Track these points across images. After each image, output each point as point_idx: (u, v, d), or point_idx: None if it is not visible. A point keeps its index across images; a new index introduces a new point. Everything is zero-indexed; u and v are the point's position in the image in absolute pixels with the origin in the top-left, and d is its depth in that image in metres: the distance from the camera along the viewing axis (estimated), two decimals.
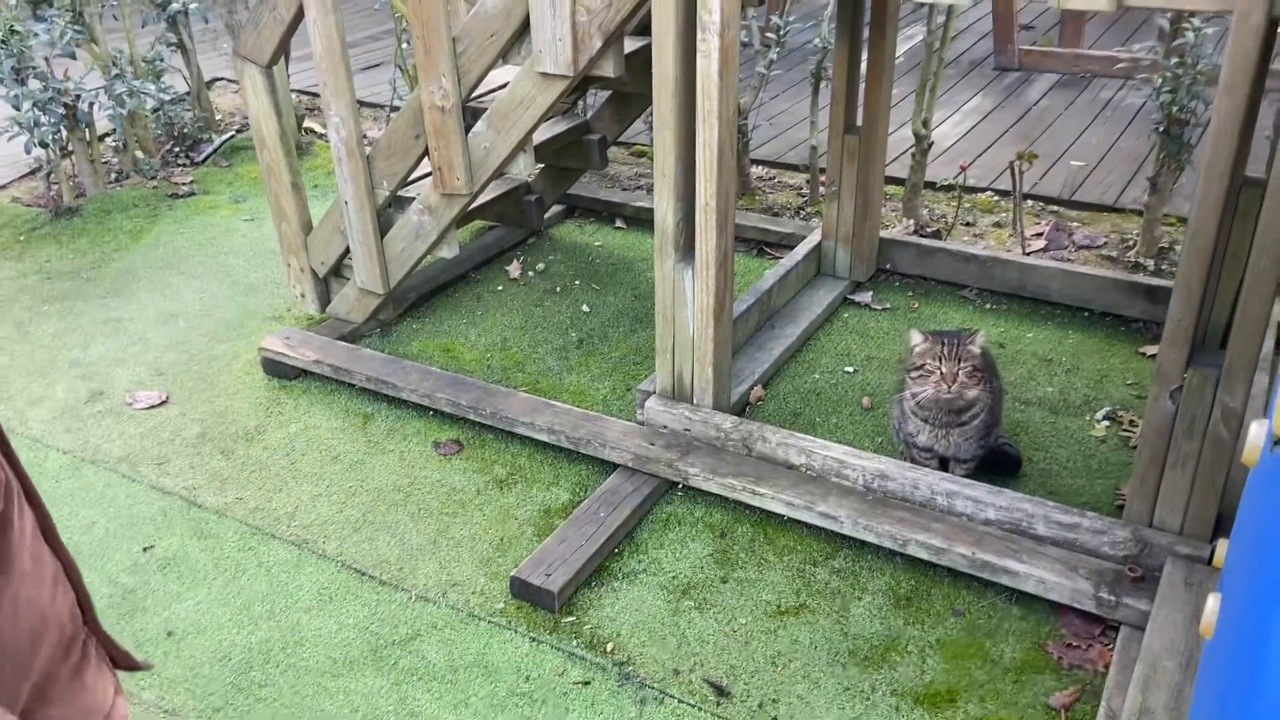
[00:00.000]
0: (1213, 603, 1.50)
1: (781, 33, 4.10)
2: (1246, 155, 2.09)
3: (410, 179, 3.18)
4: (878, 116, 3.41)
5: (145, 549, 2.55)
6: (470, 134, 2.88)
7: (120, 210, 4.48)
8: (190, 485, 2.77)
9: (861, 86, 3.37)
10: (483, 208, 3.91)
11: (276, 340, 3.24)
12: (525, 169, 2.98)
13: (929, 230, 4.05)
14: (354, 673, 2.18)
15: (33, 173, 4.63)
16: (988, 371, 2.54)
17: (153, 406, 3.12)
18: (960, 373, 2.42)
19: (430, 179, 3.02)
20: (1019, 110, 5.36)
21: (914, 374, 2.50)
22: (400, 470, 2.82)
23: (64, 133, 4.32)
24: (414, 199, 3.12)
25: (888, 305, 3.55)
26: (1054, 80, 5.70)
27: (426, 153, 2.98)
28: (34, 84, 4.13)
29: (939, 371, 2.43)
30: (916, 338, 2.49)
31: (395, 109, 4.87)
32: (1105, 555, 2.22)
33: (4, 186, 4.70)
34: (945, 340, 2.45)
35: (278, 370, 3.23)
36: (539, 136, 3.56)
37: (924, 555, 2.34)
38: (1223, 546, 1.97)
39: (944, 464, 2.60)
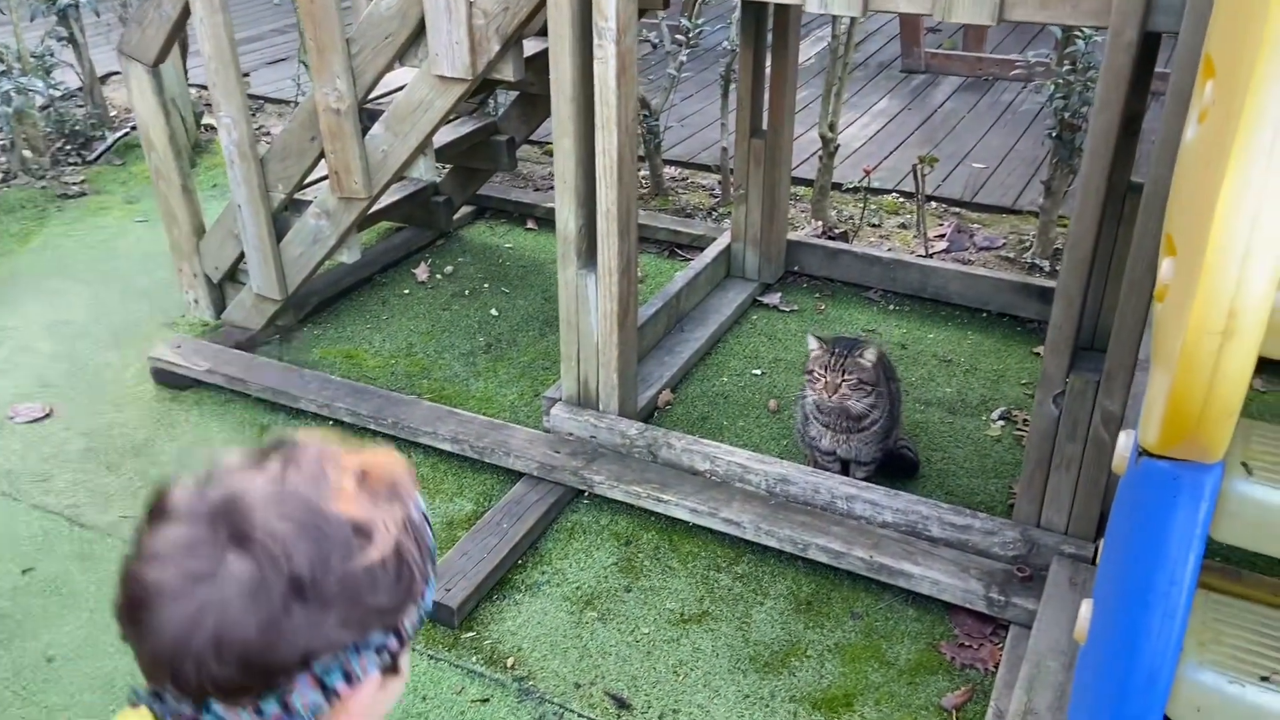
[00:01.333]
0: (1085, 609, 1.54)
1: (691, 35, 4.11)
2: (1130, 163, 2.16)
3: (307, 182, 3.10)
4: (783, 121, 3.43)
5: (24, 571, 2.44)
6: (367, 137, 2.81)
7: (6, 213, 4.28)
8: (73, 503, 2.66)
9: (767, 91, 3.39)
10: (388, 209, 3.83)
11: (167, 349, 3.13)
12: (426, 172, 2.93)
13: (837, 232, 4.10)
14: None
15: None
16: (885, 377, 2.58)
17: (35, 420, 2.99)
18: (843, 384, 2.45)
19: (327, 182, 2.95)
20: (924, 113, 5.47)
21: (806, 378, 2.53)
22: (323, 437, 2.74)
23: None
24: (311, 202, 3.04)
25: (795, 307, 3.58)
26: (958, 83, 5.83)
27: (323, 155, 2.90)
28: None
29: (824, 380, 2.46)
30: (813, 343, 2.52)
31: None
32: (996, 555, 2.28)
33: None
34: (835, 350, 2.47)
35: (169, 380, 3.12)
36: (445, 137, 3.50)
37: (824, 559, 2.37)
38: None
39: (845, 467, 2.64)
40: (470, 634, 2.27)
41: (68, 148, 4.80)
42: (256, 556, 0.73)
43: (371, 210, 3.66)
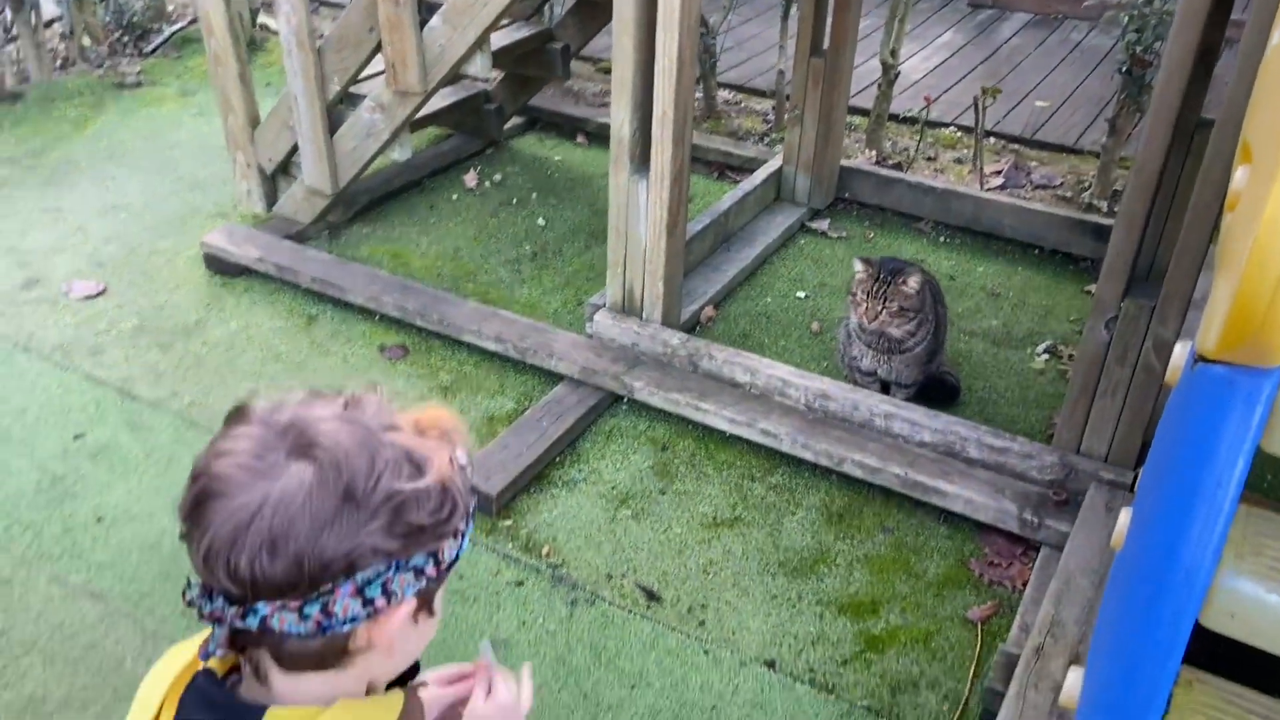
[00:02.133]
0: (1124, 517, 1.54)
1: None
2: (1202, 97, 2.09)
3: (362, 76, 3.09)
4: (845, 42, 3.36)
5: (76, 437, 2.51)
6: (425, 29, 2.80)
7: (64, 98, 4.32)
8: (125, 377, 2.72)
9: (830, 11, 3.32)
10: (440, 114, 3.84)
11: (219, 235, 3.17)
12: (483, 70, 2.91)
13: (890, 162, 4.04)
14: None
15: None
16: (932, 301, 2.55)
17: (90, 297, 3.05)
18: (884, 311, 2.43)
19: (383, 76, 2.94)
20: (988, 48, 5.33)
21: (849, 300, 2.52)
22: (343, 372, 2.79)
23: (9, 15, 4.13)
24: (366, 96, 3.04)
25: (844, 234, 3.55)
26: (1026, 19, 5.66)
27: (379, 48, 2.89)
28: None
29: (865, 304, 2.44)
30: (858, 265, 2.49)
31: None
32: (1032, 479, 2.27)
33: None
34: (879, 275, 2.45)
35: (220, 267, 3.17)
36: (500, 41, 3.47)
37: (858, 474, 2.38)
38: None
39: (885, 388, 2.63)
40: (507, 522, 2.31)
41: (125, 39, 4.82)
42: (318, 461, 0.78)
43: (424, 113, 3.66)
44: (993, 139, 4.33)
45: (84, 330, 2.90)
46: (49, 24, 4.65)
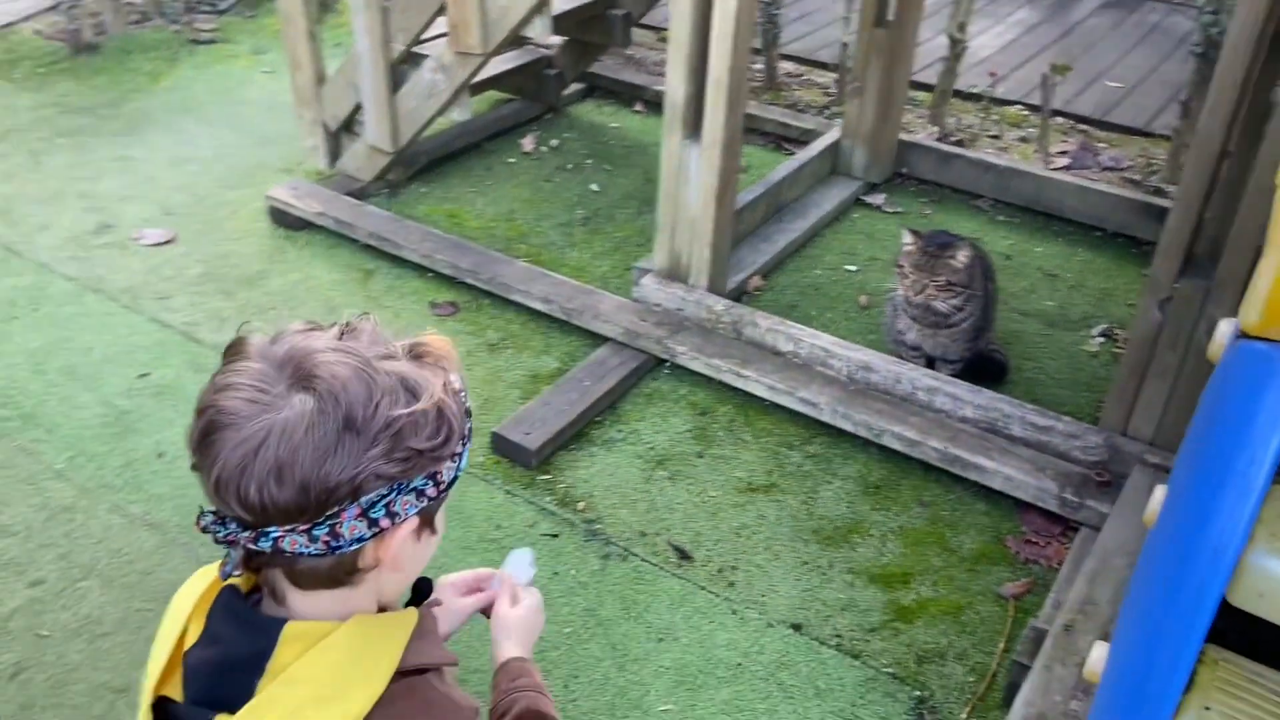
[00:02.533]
0: (1159, 493, 1.53)
1: None
2: (1271, 77, 2.03)
3: (425, 37, 3.14)
4: (909, 14, 3.32)
5: (141, 376, 2.61)
6: None
7: (140, 51, 4.45)
8: (189, 321, 2.82)
9: None
10: (501, 78, 3.87)
11: (284, 190, 3.25)
12: (543, 33, 2.94)
13: (954, 139, 3.98)
14: None
15: (54, 6, 4.59)
16: (982, 277, 2.53)
17: (158, 244, 3.16)
18: (931, 285, 2.41)
19: (445, 37, 2.98)
20: (1063, 27, 5.20)
21: (896, 272, 2.50)
22: (395, 326, 2.81)
23: None
24: (428, 57, 3.08)
25: (899, 209, 3.51)
26: (1103, 0, 5.51)
27: (443, 9, 2.93)
28: None
29: (912, 277, 2.42)
30: (906, 237, 2.48)
31: None
32: (1075, 459, 2.25)
33: (27, 18, 4.65)
34: (927, 249, 2.43)
35: (283, 220, 3.25)
36: (561, 6, 3.49)
37: (897, 446, 2.37)
38: None
39: (931, 363, 2.62)
40: (545, 476, 2.36)
41: None
42: (317, 392, 0.82)
43: (485, 77, 3.70)
44: (1061, 119, 4.24)
45: (151, 276, 3.01)
46: None
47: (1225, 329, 1.42)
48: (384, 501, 0.85)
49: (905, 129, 3.97)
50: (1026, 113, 4.28)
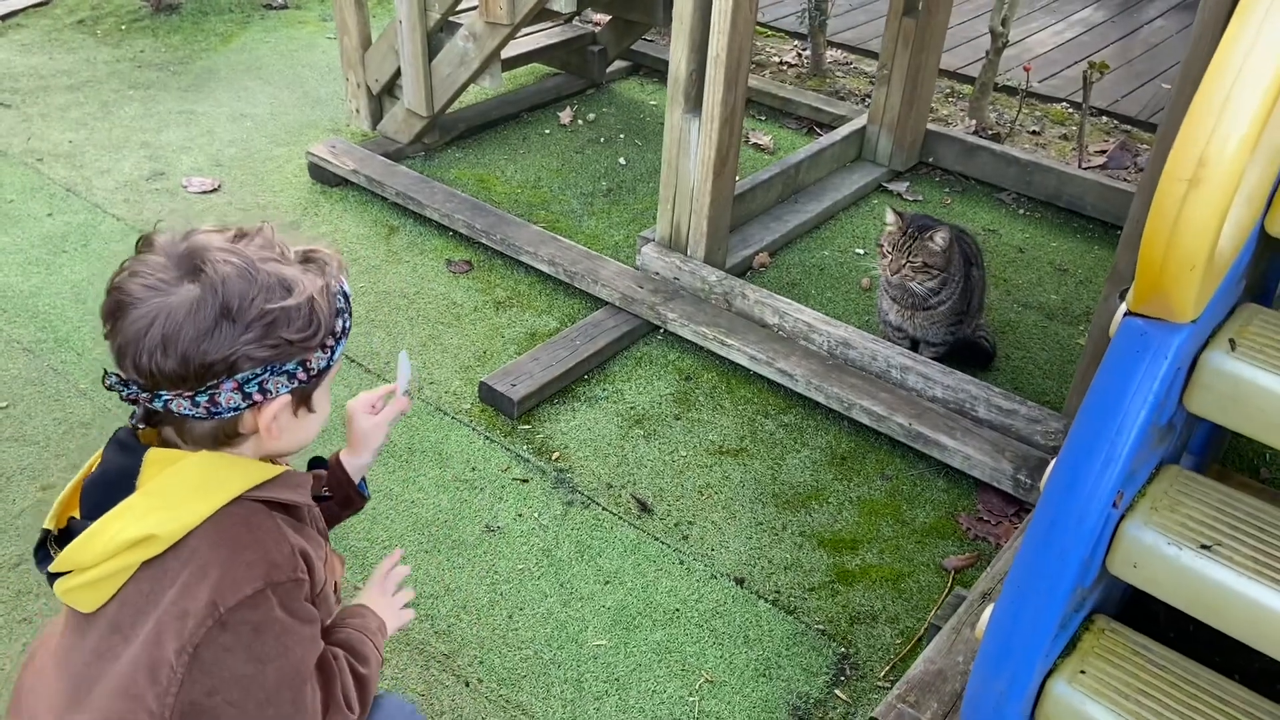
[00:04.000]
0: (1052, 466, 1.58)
1: None
2: None
3: (461, 7, 3.28)
4: (940, 3, 3.34)
5: None
6: None
7: (216, 14, 4.71)
8: None
9: None
10: (546, 51, 4.01)
11: (322, 148, 3.44)
12: (566, 6, 3.05)
13: (990, 132, 3.97)
14: (323, 438, 2.43)
15: None
16: (963, 262, 2.56)
17: (205, 191, 3.38)
18: (907, 265, 2.45)
19: (477, 9, 3.12)
20: (1127, 28, 5.11)
21: (877, 250, 2.55)
22: (411, 280, 3.01)
23: None
24: (461, 25, 3.22)
25: (920, 197, 3.54)
26: (1174, 3, 5.38)
27: None
28: None
29: (890, 257, 2.47)
30: (890, 217, 2.53)
31: None
32: (1035, 443, 2.28)
33: None
34: (908, 230, 2.47)
35: (321, 176, 3.44)
36: None
37: (866, 420, 2.44)
38: None
39: (915, 345, 2.66)
40: (526, 426, 2.49)
41: None
42: (201, 283, 0.98)
43: (530, 49, 3.84)
44: (1105, 118, 4.19)
45: (194, 219, 3.22)
46: None
47: (1120, 307, 1.47)
48: (258, 380, 1.02)
49: (943, 120, 3.98)
50: (1070, 110, 4.24)
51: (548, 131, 3.88)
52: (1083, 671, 1.48)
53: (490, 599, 2.06)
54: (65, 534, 1.07)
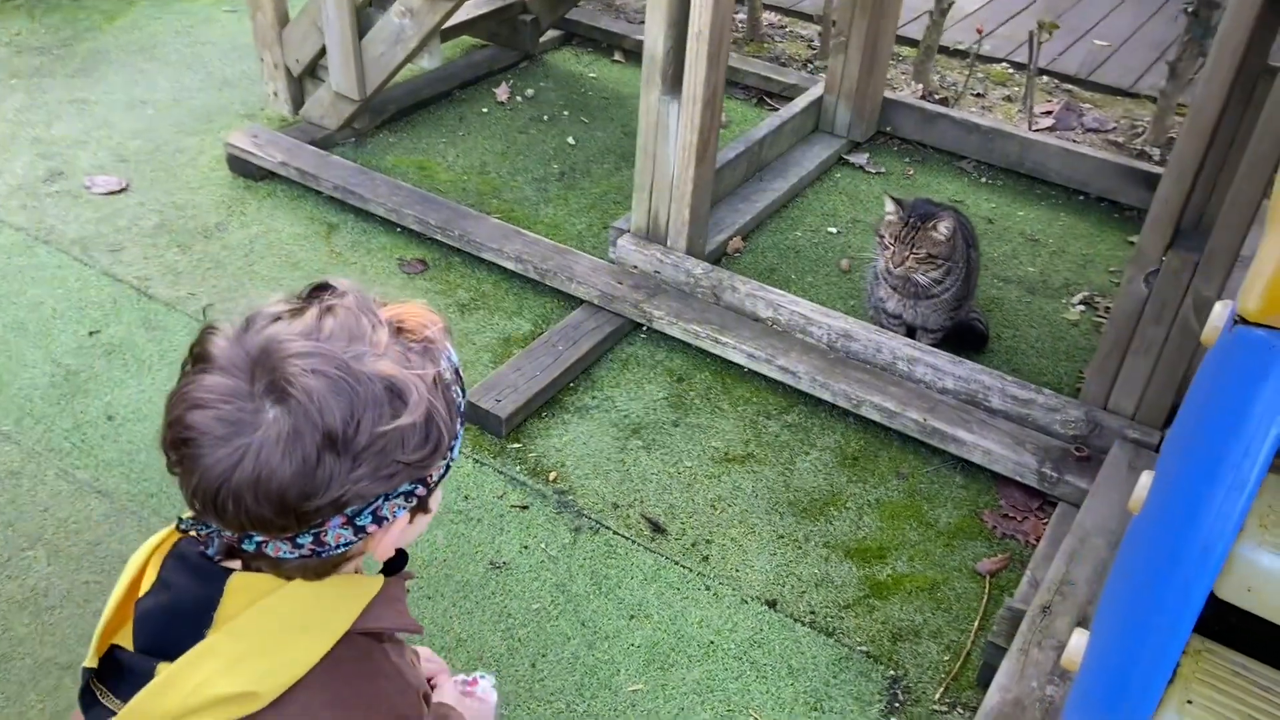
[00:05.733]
0: (1145, 479, 1.48)
1: None
2: (1269, 42, 1.96)
3: None
4: None
5: (91, 333, 2.50)
6: None
7: None
8: (143, 275, 2.71)
9: None
10: (473, 23, 3.73)
11: (244, 137, 3.12)
12: None
13: (937, 97, 3.89)
14: None
15: None
16: (964, 245, 2.46)
17: (112, 192, 3.02)
18: (911, 257, 2.34)
19: None
20: None
21: (876, 241, 2.43)
22: (361, 283, 2.74)
23: None
24: (396, 0, 2.94)
25: (882, 169, 3.43)
26: None
27: None
28: None
29: (893, 249, 2.36)
30: (889, 206, 2.40)
31: None
32: (1055, 433, 2.21)
33: None
34: (909, 219, 2.35)
35: (243, 169, 3.12)
36: None
37: (876, 417, 2.32)
38: None
39: (911, 331, 2.56)
40: (516, 445, 2.29)
41: None
42: (292, 410, 0.76)
43: (457, 22, 3.56)
44: (1045, 78, 4.16)
45: (104, 226, 2.88)
46: None
47: (1220, 311, 1.37)
48: (370, 509, 0.81)
49: (890, 86, 3.87)
50: (1011, 71, 4.20)
51: (485, 110, 3.63)
52: (1189, 701, 1.40)
53: (508, 646, 1.87)
54: (108, 667, 0.86)
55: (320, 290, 0.85)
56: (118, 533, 2.01)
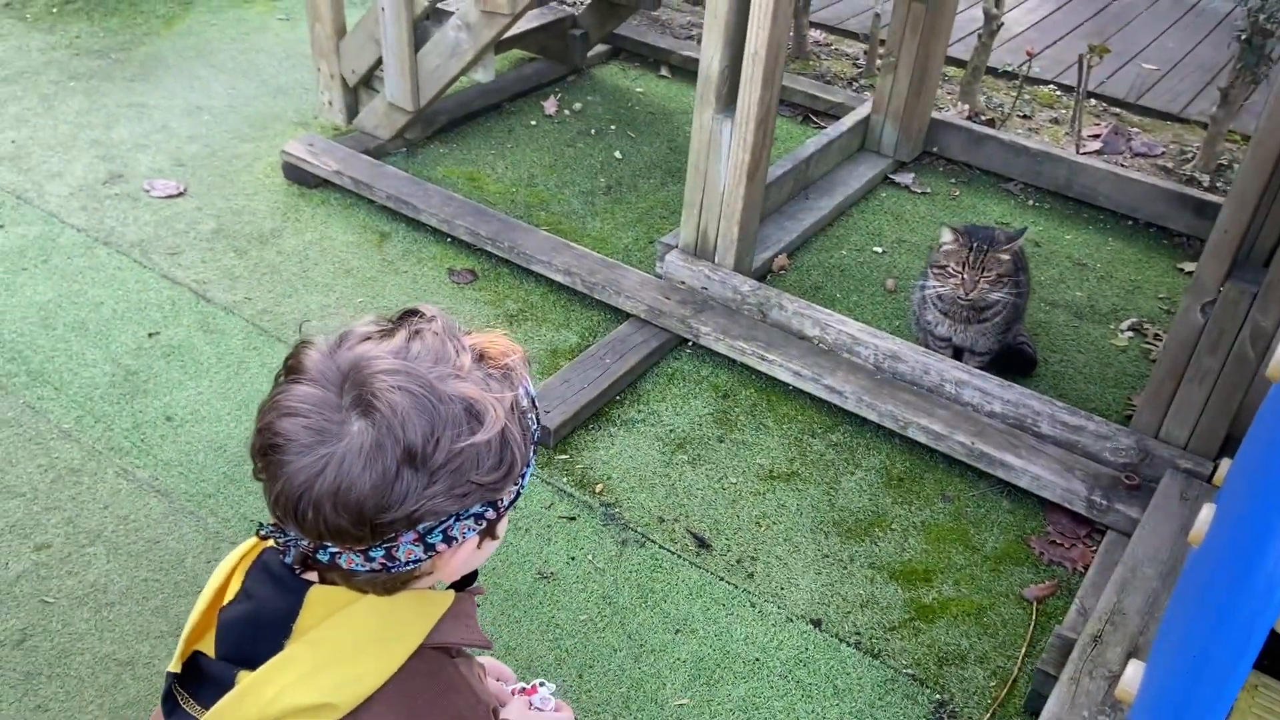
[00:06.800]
0: (1206, 513, 1.48)
1: None
2: None
3: None
4: None
5: (150, 334, 2.56)
6: None
7: None
8: (201, 279, 2.76)
9: None
10: (524, 37, 3.78)
11: (299, 145, 3.17)
12: None
13: (984, 118, 3.88)
14: None
15: None
16: (1016, 272, 2.46)
17: (170, 196, 3.08)
18: (982, 280, 2.34)
19: None
20: (1097, 4, 5.08)
21: (936, 271, 2.43)
22: (412, 292, 2.79)
23: None
24: (453, 14, 2.99)
25: (928, 190, 3.43)
26: None
27: None
28: None
29: (961, 276, 2.36)
30: (947, 235, 2.40)
31: None
32: (1105, 461, 2.20)
33: None
34: (974, 245, 2.35)
35: (298, 176, 3.18)
36: None
37: (923, 439, 2.33)
38: (1225, 466, 1.94)
39: (958, 353, 2.56)
40: (564, 456, 2.31)
41: None
42: (376, 423, 0.79)
43: (508, 36, 3.60)
44: (1093, 101, 4.14)
45: (163, 229, 2.94)
46: None
47: None
48: (441, 527, 0.84)
49: (935, 105, 3.87)
50: (1059, 93, 4.19)
51: (533, 123, 3.66)
52: None
53: (556, 655, 1.89)
54: (190, 672, 0.89)
55: (410, 315, 0.88)
56: (175, 531, 2.05)
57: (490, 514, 0.86)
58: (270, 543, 0.90)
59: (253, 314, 2.65)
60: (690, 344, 2.65)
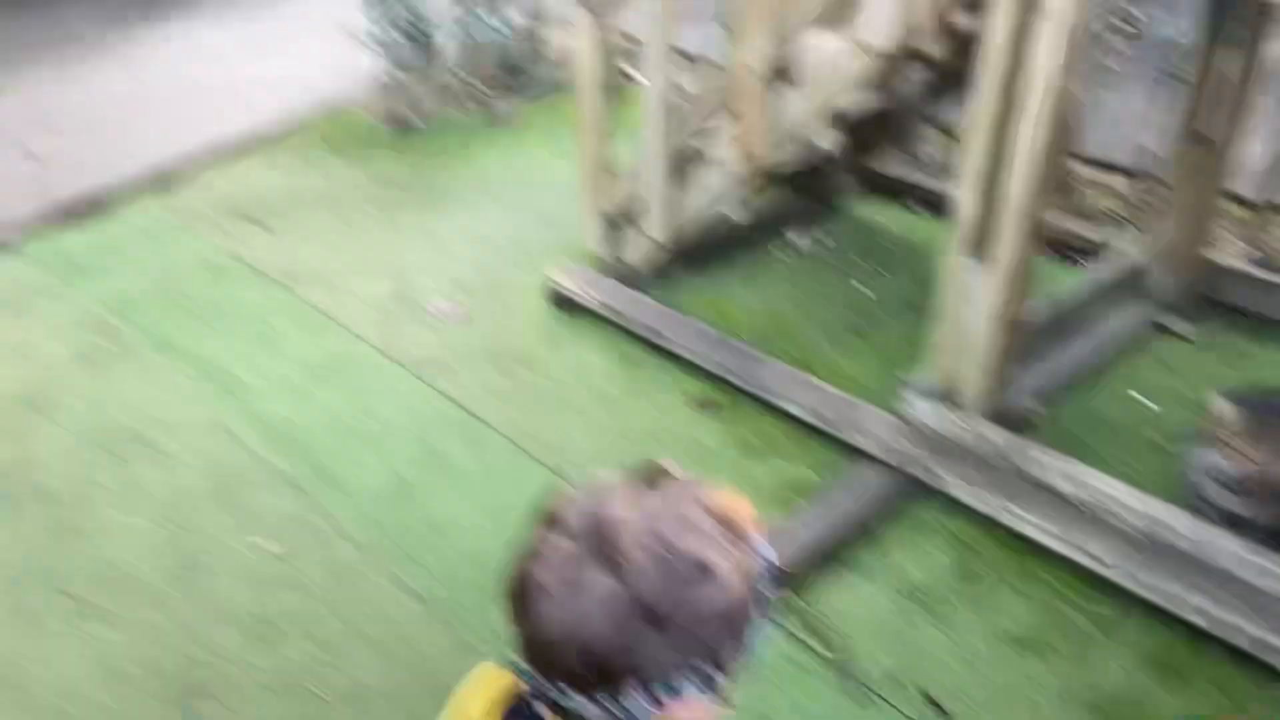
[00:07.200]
0: None
1: (1137, 24, 3.73)
2: None
3: (714, 138, 3.22)
4: (1233, 129, 3.03)
5: (423, 446, 2.80)
6: (779, 100, 2.86)
7: (449, 132, 4.86)
8: (470, 396, 3.01)
9: (1220, 89, 3.00)
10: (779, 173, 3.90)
11: (564, 275, 3.42)
12: (832, 143, 2.93)
13: (1271, 264, 3.58)
14: None
15: (383, 88, 5.12)
16: None
17: (449, 317, 3.40)
18: (1276, 460, 2.14)
19: (732, 138, 3.04)
20: None
21: (1221, 449, 2.24)
22: (656, 419, 2.91)
23: (424, 57, 4.76)
24: (715, 161, 3.16)
25: (1208, 340, 3.19)
26: None
27: (732, 113, 2.99)
28: (398, 8, 4.58)
29: (1247, 453, 2.16)
30: (1224, 406, 2.21)
31: (712, 64, 4.91)
32: None
33: (358, 99, 5.22)
34: (1260, 417, 2.15)
35: (561, 303, 3.42)
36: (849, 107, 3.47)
37: (1199, 622, 2.12)
38: None
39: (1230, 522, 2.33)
40: (794, 598, 2.29)
41: (508, 83, 5.33)
42: (622, 580, 0.88)
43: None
44: None
45: (442, 349, 3.24)
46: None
47: None
48: (667, 682, 0.89)
49: (1212, 245, 3.62)
50: None
51: (781, 254, 3.76)
52: None
53: None
54: None
55: (658, 473, 0.97)
56: (428, 636, 2.20)
57: (717, 676, 0.91)
58: (518, 682, 0.97)
59: (513, 432, 2.85)
60: (932, 492, 2.57)
